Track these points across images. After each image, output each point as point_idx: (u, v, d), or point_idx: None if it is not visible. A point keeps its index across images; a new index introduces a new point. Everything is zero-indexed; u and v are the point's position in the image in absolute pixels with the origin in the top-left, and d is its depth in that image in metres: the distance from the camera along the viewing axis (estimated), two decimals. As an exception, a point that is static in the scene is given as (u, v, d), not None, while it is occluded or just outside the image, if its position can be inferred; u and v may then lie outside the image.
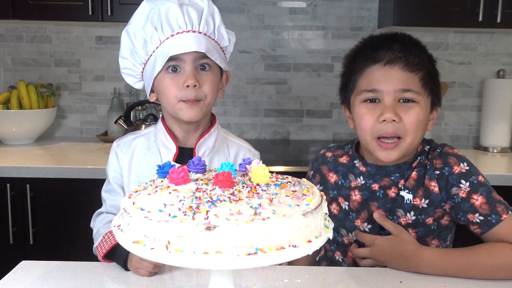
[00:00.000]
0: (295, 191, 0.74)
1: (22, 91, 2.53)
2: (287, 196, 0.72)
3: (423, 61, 1.24)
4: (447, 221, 1.29)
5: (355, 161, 1.34)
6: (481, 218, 1.20)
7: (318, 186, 1.37)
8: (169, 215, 0.66)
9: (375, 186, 1.30)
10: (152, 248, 0.66)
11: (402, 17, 2.40)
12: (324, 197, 0.77)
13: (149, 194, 0.73)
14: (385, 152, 1.23)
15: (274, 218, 0.66)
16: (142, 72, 1.32)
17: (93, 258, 1.25)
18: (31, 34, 2.78)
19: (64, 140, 2.75)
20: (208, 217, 0.65)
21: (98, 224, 1.35)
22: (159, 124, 1.37)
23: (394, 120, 1.20)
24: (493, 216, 1.19)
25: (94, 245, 1.29)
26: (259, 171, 0.75)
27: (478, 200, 1.21)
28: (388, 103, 1.22)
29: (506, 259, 1.15)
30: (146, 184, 0.81)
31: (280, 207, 0.68)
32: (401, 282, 1.10)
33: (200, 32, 1.27)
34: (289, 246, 0.67)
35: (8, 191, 2.13)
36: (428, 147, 1.31)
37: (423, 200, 1.27)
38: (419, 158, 1.30)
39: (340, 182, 1.35)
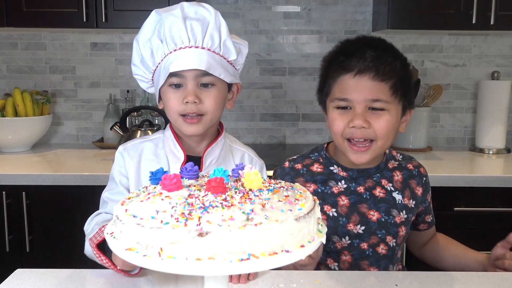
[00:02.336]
0: (288, 196, 0.74)
1: (17, 99, 2.53)
2: (279, 201, 0.72)
3: (394, 69, 1.26)
4: None
5: (332, 168, 1.38)
6: (431, 218, 1.50)
7: None
8: (161, 221, 0.66)
9: (361, 189, 1.35)
10: (145, 255, 0.66)
11: (396, 21, 2.41)
12: (317, 202, 0.77)
13: (141, 201, 0.73)
14: (356, 154, 1.28)
15: (266, 223, 0.66)
16: (152, 78, 1.33)
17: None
18: (25, 42, 2.78)
19: (60, 147, 2.75)
20: (200, 223, 0.65)
21: (96, 220, 1.31)
22: (168, 131, 1.37)
23: (363, 127, 1.24)
24: (432, 217, 1.50)
25: (88, 237, 1.23)
26: (252, 176, 0.75)
27: (431, 203, 1.48)
28: (358, 111, 1.25)
29: None
30: (139, 190, 0.81)
31: (273, 212, 0.68)
32: (396, 285, 1.10)
33: (203, 48, 1.25)
34: (282, 251, 0.66)
35: (4, 198, 2.13)
36: (401, 156, 1.46)
37: (411, 200, 1.39)
38: (392, 161, 1.42)
39: (320, 190, 1.35)
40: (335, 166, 1.37)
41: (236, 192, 0.73)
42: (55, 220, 2.18)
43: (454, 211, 2.15)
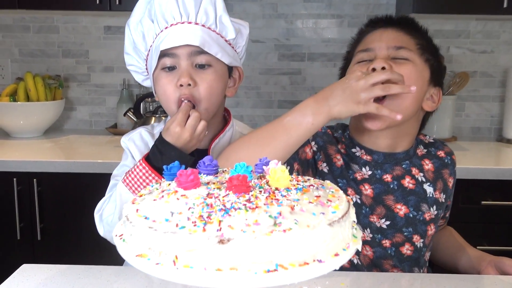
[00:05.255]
0: (319, 196, 0.65)
1: (29, 83, 2.46)
2: (310, 202, 0.63)
3: (422, 36, 1.20)
4: None
5: (354, 150, 1.22)
6: (449, 213, 1.36)
7: (324, 165, 1.21)
8: (177, 225, 0.58)
9: (387, 177, 1.20)
10: (158, 263, 0.57)
11: (421, 4, 2.30)
12: (351, 203, 0.69)
13: (154, 200, 0.65)
14: (370, 119, 1.12)
15: (296, 229, 0.57)
16: (147, 68, 1.24)
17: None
18: (38, 25, 2.71)
19: (73, 133, 2.69)
20: (221, 228, 0.56)
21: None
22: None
23: (383, 68, 1.09)
24: (448, 214, 1.37)
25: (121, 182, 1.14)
26: (278, 173, 0.67)
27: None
28: (380, 56, 1.14)
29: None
30: (152, 187, 0.73)
31: (303, 216, 0.60)
32: (430, 290, 1.02)
33: (197, 23, 1.15)
34: (314, 261, 0.58)
35: (15, 185, 2.07)
36: (432, 139, 1.32)
37: (442, 194, 1.25)
38: (421, 147, 1.28)
39: (345, 171, 1.21)
40: (358, 148, 1.22)
41: (260, 191, 0.64)
42: (67, 208, 2.13)
43: (481, 204, 2.05)
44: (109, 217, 1.20)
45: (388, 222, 1.18)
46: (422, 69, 1.17)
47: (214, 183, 0.69)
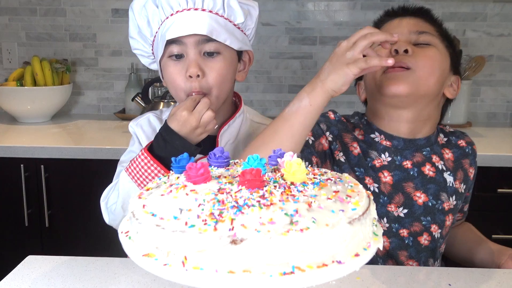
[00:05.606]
0: (338, 191, 0.61)
1: (36, 67, 2.43)
2: (328, 198, 0.59)
3: (439, 26, 1.20)
4: None
5: (373, 135, 1.18)
6: (467, 207, 1.33)
7: (341, 154, 1.17)
8: (186, 223, 0.54)
9: (407, 164, 1.16)
10: (166, 264, 0.54)
11: (437, -14, 2.23)
12: (371, 198, 0.64)
13: (162, 195, 0.61)
14: (393, 82, 1.09)
15: (314, 228, 0.53)
16: (153, 52, 1.19)
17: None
18: (44, 8, 2.66)
19: (81, 118, 2.66)
20: (233, 227, 0.52)
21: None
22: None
23: (405, 51, 1.10)
24: (468, 206, 1.33)
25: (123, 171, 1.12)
26: (294, 167, 0.62)
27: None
28: (402, 40, 1.12)
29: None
30: (160, 180, 0.69)
31: (321, 213, 0.55)
32: (450, 285, 0.97)
33: (204, 10, 1.10)
34: (333, 262, 0.54)
35: (22, 172, 2.04)
36: (452, 129, 1.28)
37: (462, 184, 1.21)
38: (441, 135, 1.24)
39: (363, 159, 1.17)
40: (377, 134, 1.18)
41: (275, 186, 0.60)
42: (75, 195, 2.10)
43: (497, 192, 2.00)
44: (113, 205, 1.16)
45: (405, 211, 1.15)
46: (444, 53, 1.16)
47: (225, 177, 0.65)
